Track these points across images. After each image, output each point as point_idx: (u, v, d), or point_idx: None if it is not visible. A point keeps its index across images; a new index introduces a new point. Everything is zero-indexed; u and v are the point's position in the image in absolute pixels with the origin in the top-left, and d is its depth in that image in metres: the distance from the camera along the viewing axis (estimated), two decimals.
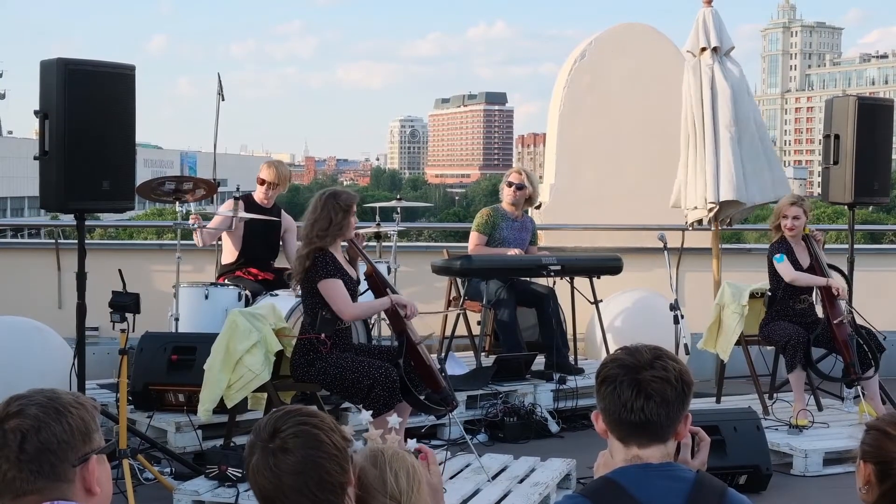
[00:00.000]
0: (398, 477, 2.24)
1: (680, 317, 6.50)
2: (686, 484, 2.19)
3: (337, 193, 5.46)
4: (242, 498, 4.91)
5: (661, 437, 2.23)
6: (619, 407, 2.21)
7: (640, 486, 2.17)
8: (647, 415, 2.19)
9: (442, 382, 5.38)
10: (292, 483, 2.03)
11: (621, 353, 2.28)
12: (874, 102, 7.63)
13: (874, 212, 42.56)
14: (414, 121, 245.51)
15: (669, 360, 2.24)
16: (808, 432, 6.25)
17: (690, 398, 2.26)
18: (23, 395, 1.99)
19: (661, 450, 2.23)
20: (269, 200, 7.21)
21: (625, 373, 2.22)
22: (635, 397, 2.19)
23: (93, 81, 5.22)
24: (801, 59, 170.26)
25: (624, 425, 2.22)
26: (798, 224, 6.64)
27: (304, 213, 5.50)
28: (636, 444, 2.22)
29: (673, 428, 2.24)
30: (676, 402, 2.22)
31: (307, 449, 2.05)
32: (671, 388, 2.20)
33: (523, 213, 7.77)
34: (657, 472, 2.20)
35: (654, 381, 2.20)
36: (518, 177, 7.68)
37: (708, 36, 8.00)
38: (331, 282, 5.29)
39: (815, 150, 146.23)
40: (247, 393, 5.51)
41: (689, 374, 2.27)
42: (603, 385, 2.25)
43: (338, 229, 5.32)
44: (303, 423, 2.08)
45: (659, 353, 2.25)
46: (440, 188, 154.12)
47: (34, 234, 21.73)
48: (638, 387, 2.20)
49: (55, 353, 6.67)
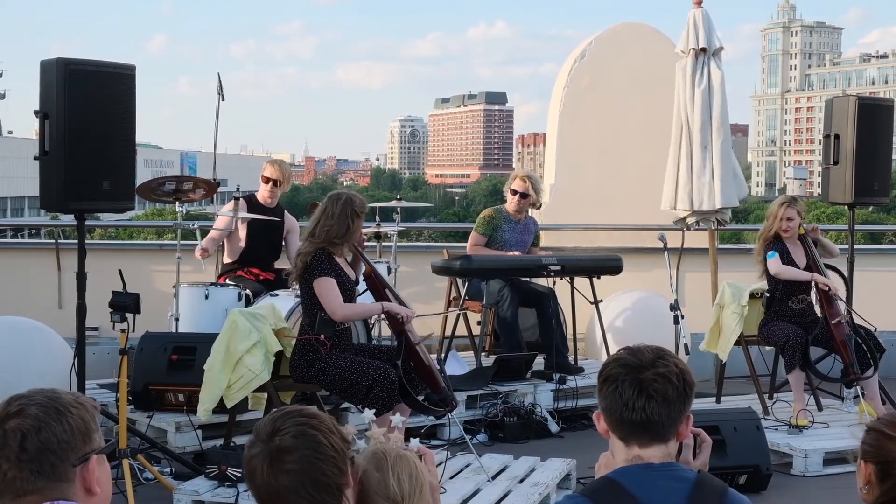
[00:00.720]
0: (401, 480, 2.25)
1: (680, 317, 6.50)
2: (687, 484, 2.20)
3: (353, 199, 5.48)
4: (242, 498, 4.91)
5: (662, 436, 2.23)
6: (620, 406, 2.21)
7: (640, 485, 2.18)
8: (648, 414, 2.20)
9: (441, 383, 5.39)
10: (289, 483, 2.03)
11: (623, 352, 2.29)
12: (874, 102, 7.62)
13: (874, 212, 42.55)
14: (414, 121, 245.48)
15: (671, 360, 2.25)
16: (808, 432, 6.25)
17: (692, 398, 2.27)
18: (23, 395, 1.99)
19: (663, 450, 2.23)
20: (273, 199, 7.22)
21: (626, 372, 2.22)
22: (637, 396, 2.20)
23: (93, 81, 5.22)
24: (801, 58, 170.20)
25: (625, 425, 2.23)
26: (792, 225, 6.65)
27: (313, 215, 5.49)
28: (637, 444, 2.23)
29: (674, 428, 2.25)
30: (678, 401, 2.22)
31: (305, 450, 2.05)
32: (672, 388, 2.21)
33: (526, 215, 7.77)
34: (658, 472, 2.20)
35: (656, 381, 2.21)
36: (522, 184, 7.61)
37: (697, 37, 8.03)
38: (324, 280, 5.29)
39: (815, 150, 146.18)
40: (247, 393, 5.52)
41: (690, 375, 2.28)
42: (605, 385, 2.26)
43: (349, 235, 5.37)
44: (302, 424, 2.08)
45: (661, 353, 2.26)
46: (440, 188, 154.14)
47: (34, 234, 21.72)
48: (639, 386, 2.20)
49: (55, 353, 6.67)
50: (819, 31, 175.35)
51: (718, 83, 8.06)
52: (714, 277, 8.11)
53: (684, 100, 8.01)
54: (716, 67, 8.10)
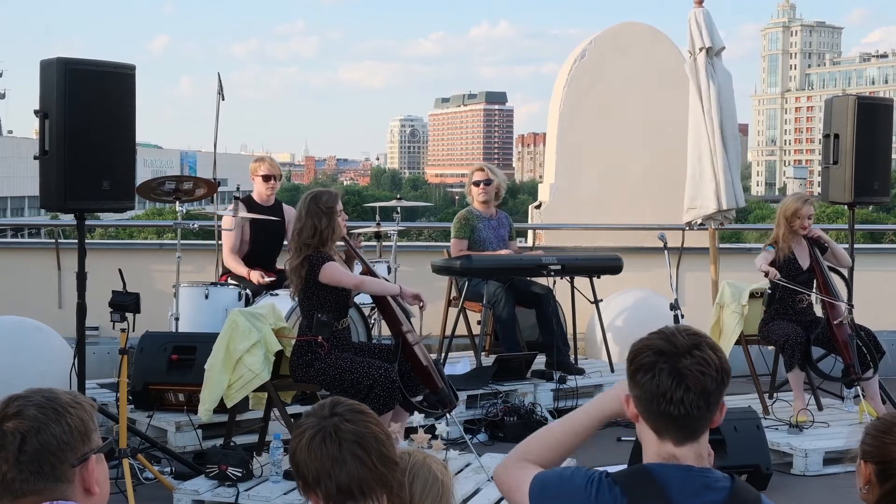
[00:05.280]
0: (413, 483, 2.28)
1: (680, 316, 6.50)
2: (722, 493, 2.10)
3: (317, 196, 5.33)
4: (242, 497, 4.92)
5: (697, 432, 2.13)
6: (657, 397, 2.09)
7: (682, 490, 2.08)
8: (686, 407, 2.08)
9: (440, 383, 5.37)
10: (355, 451, 2.05)
11: (657, 337, 2.15)
12: (874, 102, 7.59)
13: (874, 211, 42.55)
14: (414, 120, 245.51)
15: (708, 346, 2.13)
16: (808, 432, 6.25)
17: (728, 385, 2.16)
18: (21, 396, 1.99)
19: (695, 448, 2.13)
20: (272, 196, 7.24)
21: (663, 360, 2.10)
22: (675, 387, 2.08)
23: (93, 81, 5.22)
24: (801, 58, 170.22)
25: (662, 417, 2.11)
26: (811, 223, 6.65)
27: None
28: (672, 441, 2.12)
29: (710, 420, 2.15)
30: (716, 391, 2.12)
31: (367, 425, 2.09)
32: (711, 378, 2.10)
33: (496, 210, 7.76)
34: (700, 477, 2.10)
35: (695, 370, 2.08)
36: (482, 173, 7.67)
37: (702, 36, 8.02)
38: (330, 266, 5.23)
39: (815, 150, 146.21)
40: (247, 393, 5.52)
41: (727, 360, 2.16)
42: (638, 373, 2.12)
43: (326, 235, 5.26)
44: (356, 407, 2.14)
45: (697, 340, 2.13)
46: (440, 188, 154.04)
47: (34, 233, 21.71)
48: (678, 376, 2.08)
49: (55, 353, 6.67)
50: (819, 31, 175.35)
51: (726, 81, 8.05)
52: (715, 277, 8.11)
53: (706, 98, 7.96)
54: (721, 66, 8.09)
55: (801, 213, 6.62)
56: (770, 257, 6.59)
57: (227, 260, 7.10)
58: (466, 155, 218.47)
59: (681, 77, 8.27)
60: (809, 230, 6.65)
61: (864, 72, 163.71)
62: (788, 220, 6.63)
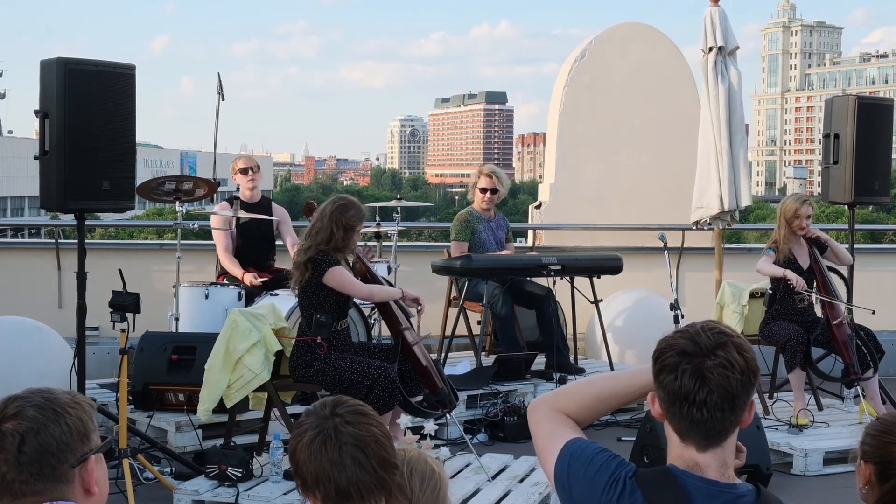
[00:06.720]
0: (412, 477, 2.29)
1: (680, 316, 6.49)
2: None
3: (346, 207, 5.35)
4: (242, 498, 4.92)
5: (721, 437, 2.07)
6: (680, 399, 2.02)
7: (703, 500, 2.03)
8: (709, 410, 2.01)
9: (439, 384, 5.37)
10: (355, 455, 2.03)
11: (680, 336, 2.06)
12: (874, 102, 7.60)
13: (874, 211, 42.55)
14: (414, 120, 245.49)
15: (734, 345, 2.04)
16: (808, 432, 6.25)
17: (756, 384, 2.08)
18: (19, 396, 1.98)
19: (719, 455, 2.07)
20: (256, 190, 7.20)
21: (686, 361, 2.02)
22: (698, 389, 2.00)
23: (93, 81, 5.22)
24: (801, 58, 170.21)
25: (685, 421, 2.04)
26: (809, 223, 6.66)
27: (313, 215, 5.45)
28: (694, 446, 2.06)
29: (736, 424, 2.08)
30: (742, 393, 2.03)
31: (368, 428, 2.07)
32: (736, 380, 2.02)
33: (495, 212, 7.78)
34: (725, 493, 2.05)
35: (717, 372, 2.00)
36: (490, 181, 7.65)
37: (716, 35, 8.01)
38: (336, 270, 5.25)
39: (815, 150, 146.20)
40: (247, 393, 5.52)
41: (755, 360, 2.08)
42: (662, 373, 2.06)
43: (339, 245, 5.29)
44: (357, 408, 2.12)
45: (722, 339, 2.04)
46: (440, 188, 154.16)
47: (34, 233, 21.72)
48: (701, 378, 2.01)
49: (55, 353, 6.67)
50: (819, 31, 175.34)
51: (737, 81, 8.04)
52: (719, 275, 8.09)
53: (713, 98, 7.96)
54: (734, 66, 8.08)
55: (800, 213, 6.62)
56: (771, 261, 6.60)
57: (223, 260, 7.08)
58: (466, 155, 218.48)
59: (681, 77, 8.28)
60: (808, 230, 6.65)
61: (865, 72, 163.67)
62: (789, 221, 6.64)
